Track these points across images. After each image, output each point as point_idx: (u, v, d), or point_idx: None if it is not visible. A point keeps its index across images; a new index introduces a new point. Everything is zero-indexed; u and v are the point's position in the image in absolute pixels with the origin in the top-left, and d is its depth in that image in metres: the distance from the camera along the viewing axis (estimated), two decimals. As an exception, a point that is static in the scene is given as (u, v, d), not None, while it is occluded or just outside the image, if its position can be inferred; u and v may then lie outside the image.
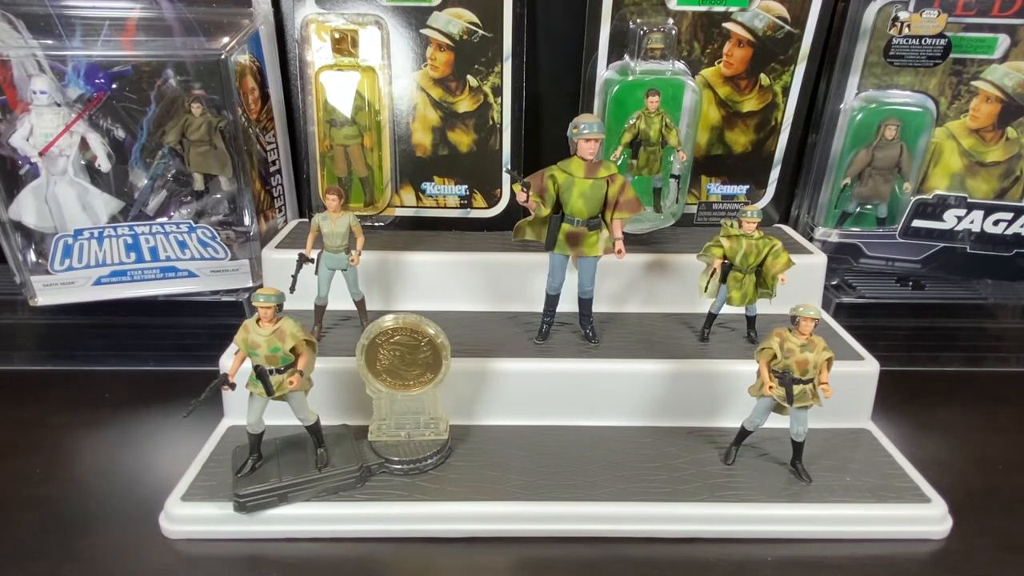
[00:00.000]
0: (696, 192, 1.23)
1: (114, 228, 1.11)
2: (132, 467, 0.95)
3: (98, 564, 0.78)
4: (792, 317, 0.82)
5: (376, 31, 1.10)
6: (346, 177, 1.17)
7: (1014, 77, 1.12)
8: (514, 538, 0.82)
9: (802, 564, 0.80)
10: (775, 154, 1.21)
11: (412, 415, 0.90)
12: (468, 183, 1.19)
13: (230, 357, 0.85)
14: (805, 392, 0.83)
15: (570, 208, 0.92)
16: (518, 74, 1.13)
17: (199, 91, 1.10)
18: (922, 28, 1.10)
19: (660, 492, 0.84)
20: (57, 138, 1.06)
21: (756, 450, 0.92)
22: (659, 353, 0.99)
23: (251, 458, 0.83)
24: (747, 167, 1.22)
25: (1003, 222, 1.18)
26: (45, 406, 1.08)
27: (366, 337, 0.86)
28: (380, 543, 0.82)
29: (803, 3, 1.10)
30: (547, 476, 0.87)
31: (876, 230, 1.22)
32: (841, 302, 1.21)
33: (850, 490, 0.86)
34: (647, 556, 0.80)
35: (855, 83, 1.16)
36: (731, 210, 1.24)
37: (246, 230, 1.15)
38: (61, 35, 1.03)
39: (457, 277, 1.11)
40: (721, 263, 0.98)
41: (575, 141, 0.90)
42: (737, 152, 1.21)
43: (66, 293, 1.12)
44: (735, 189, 1.23)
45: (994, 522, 0.87)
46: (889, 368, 0.99)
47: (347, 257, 0.98)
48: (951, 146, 1.18)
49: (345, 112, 1.13)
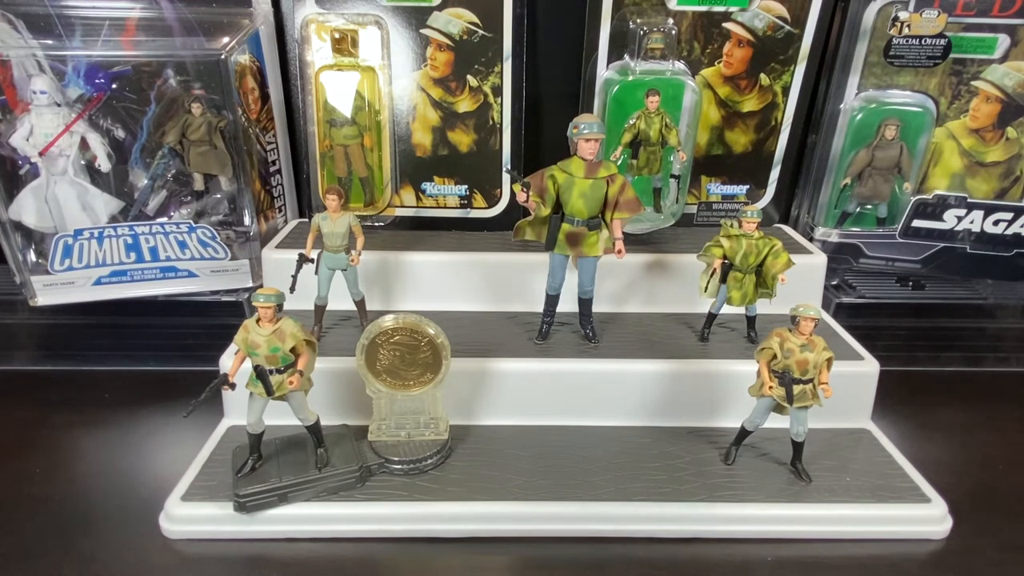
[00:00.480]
0: (696, 192, 1.23)
1: (114, 228, 1.11)
2: (132, 467, 0.95)
3: (98, 564, 0.78)
4: (792, 317, 0.82)
5: (376, 31, 1.10)
6: (346, 177, 1.16)
7: (1014, 77, 1.12)
8: (514, 538, 0.82)
9: (802, 564, 0.80)
10: (775, 154, 1.21)
11: (412, 415, 0.90)
12: (468, 183, 1.19)
13: (230, 357, 0.85)
14: (805, 392, 0.83)
15: (570, 208, 0.92)
16: (518, 74, 1.13)
17: (199, 91, 1.10)
18: (922, 28, 1.10)
19: (660, 492, 0.84)
20: (57, 138, 1.06)
21: (756, 450, 0.92)
22: (659, 353, 0.99)
23: (251, 458, 0.83)
24: (747, 167, 1.22)
25: (1003, 222, 1.18)
26: (45, 406, 1.08)
27: (366, 337, 0.86)
28: (380, 543, 0.82)
29: (803, 3, 1.10)
30: (547, 476, 0.87)
31: (876, 230, 1.22)
32: (841, 302, 1.21)
33: (850, 490, 0.86)
34: (647, 556, 0.80)
35: (855, 83, 1.16)
36: (731, 210, 1.24)
37: (246, 230, 1.15)
38: (61, 35, 1.03)
39: (457, 277, 1.11)
40: (721, 263, 0.98)
41: (575, 141, 0.90)
42: (737, 152, 1.21)
43: (66, 293, 1.12)
44: (735, 189, 1.23)
45: (994, 522, 0.87)
46: (889, 368, 0.99)
47: (347, 257, 0.98)
48: (951, 146, 1.18)
49: (345, 112, 1.13)
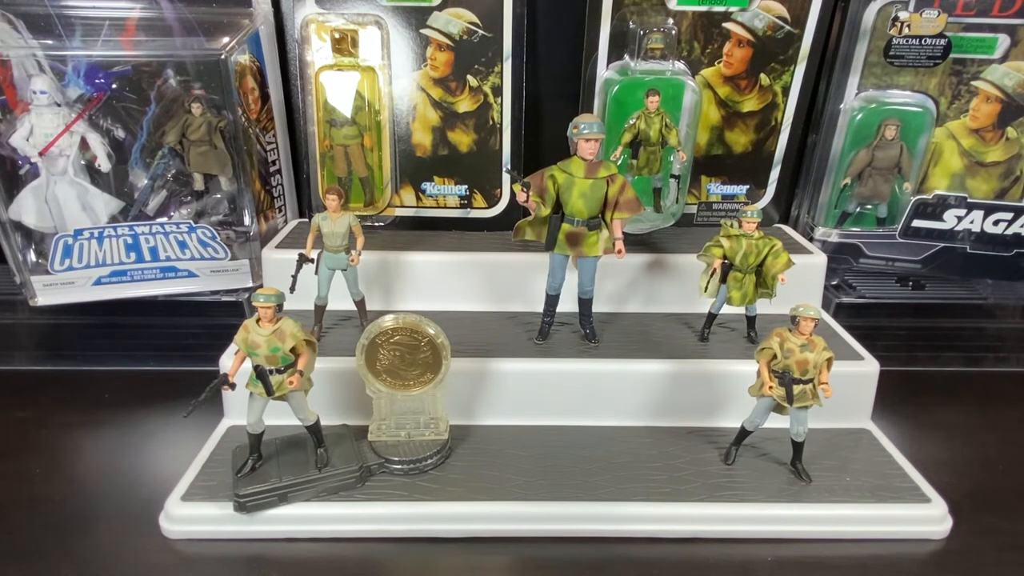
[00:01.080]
0: (696, 192, 1.23)
1: (114, 228, 1.11)
2: (132, 467, 0.94)
3: (98, 564, 0.78)
4: (792, 317, 0.82)
5: (376, 31, 1.10)
6: (346, 177, 1.16)
7: (1014, 77, 1.12)
8: (514, 538, 0.82)
9: (802, 564, 0.80)
10: (775, 154, 1.20)
11: (412, 415, 0.90)
12: (468, 183, 1.19)
13: (230, 357, 0.85)
14: (805, 392, 0.83)
15: (570, 208, 0.92)
16: (518, 74, 1.13)
17: (199, 91, 1.10)
18: (922, 28, 1.10)
19: (660, 492, 0.84)
20: (57, 138, 1.06)
21: (756, 450, 0.92)
22: (659, 353, 0.99)
23: (251, 458, 0.83)
24: (747, 167, 1.22)
25: (1003, 222, 1.18)
26: (45, 406, 1.08)
27: (366, 337, 0.86)
28: (380, 543, 0.81)
29: (803, 3, 1.10)
30: (547, 476, 0.87)
31: (876, 230, 1.22)
32: (841, 302, 1.21)
33: (850, 490, 0.86)
34: (647, 556, 0.80)
35: (855, 83, 1.16)
36: (731, 210, 1.24)
37: (246, 230, 1.15)
38: (61, 35, 1.03)
39: (457, 277, 1.11)
40: (721, 263, 0.98)
41: (575, 141, 0.90)
42: (737, 152, 1.20)
43: (66, 293, 1.12)
44: (735, 189, 1.23)
45: (994, 522, 0.87)
46: (889, 368, 0.99)
47: (347, 257, 0.98)
48: (951, 146, 1.18)
49: (345, 112, 1.13)
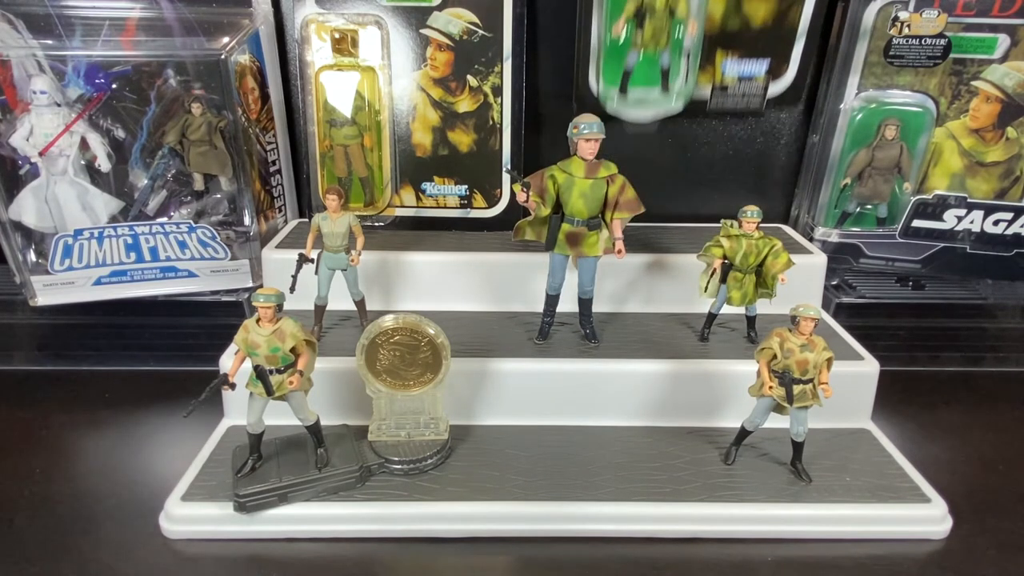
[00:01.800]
0: (710, 71, 1.09)
1: (114, 228, 1.11)
2: (132, 467, 0.94)
3: (98, 564, 0.78)
4: (792, 317, 0.82)
5: (376, 31, 1.10)
6: (346, 177, 1.17)
7: (1014, 77, 1.12)
8: (514, 538, 0.82)
9: (802, 564, 0.80)
10: (799, 25, 1.07)
11: (412, 415, 0.90)
12: (468, 183, 1.19)
13: (230, 357, 0.85)
14: (805, 392, 0.83)
15: (570, 208, 0.92)
16: (518, 74, 1.13)
17: (199, 91, 1.10)
18: (922, 28, 1.10)
19: (660, 492, 0.84)
20: (57, 138, 1.06)
21: (756, 450, 0.92)
22: (659, 353, 0.99)
23: (251, 458, 0.83)
24: (767, 40, 1.09)
25: (1003, 222, 1.18)
26: (45, 406, 1.08)
27: (366, 337, 0.86)
28: (380, 543, 0.81)
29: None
30: (547, 476, 0.87)
31: (876, 230, 1.22)
32: (841, 302, 1.21)
33: (850, 490, 0.86)
34: (647, 556, 0.80)
35: (855, 83, 1.16)
36: (751, 94, 1.10)
37: (246, 230, 1.15)
38: (61, 35, 1.03)
39: (457, 277, 1.11)
40: (721, 263, 0.98)
41: (575, 141, 0.90)
42: (755, 26, 1.08)
43: (66, 293, 1.12)
44: (753, 68, 1.09)
45: (994, 522, 0.87)
46: (889, 368, 0.99)
47: (347, 257, 0.98)
48: (951, 146, 1.18)
49: (345, 112, 1.13)
